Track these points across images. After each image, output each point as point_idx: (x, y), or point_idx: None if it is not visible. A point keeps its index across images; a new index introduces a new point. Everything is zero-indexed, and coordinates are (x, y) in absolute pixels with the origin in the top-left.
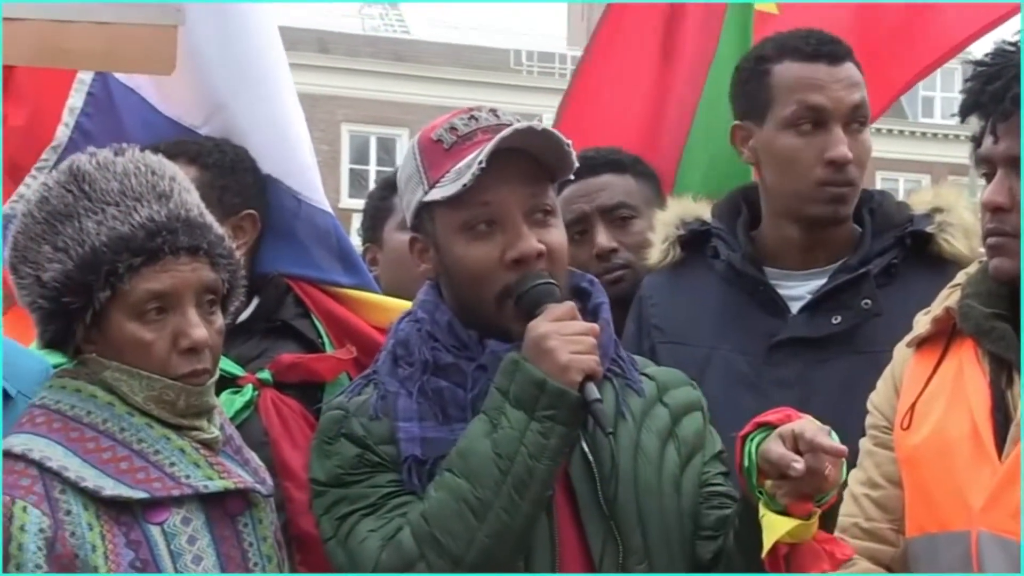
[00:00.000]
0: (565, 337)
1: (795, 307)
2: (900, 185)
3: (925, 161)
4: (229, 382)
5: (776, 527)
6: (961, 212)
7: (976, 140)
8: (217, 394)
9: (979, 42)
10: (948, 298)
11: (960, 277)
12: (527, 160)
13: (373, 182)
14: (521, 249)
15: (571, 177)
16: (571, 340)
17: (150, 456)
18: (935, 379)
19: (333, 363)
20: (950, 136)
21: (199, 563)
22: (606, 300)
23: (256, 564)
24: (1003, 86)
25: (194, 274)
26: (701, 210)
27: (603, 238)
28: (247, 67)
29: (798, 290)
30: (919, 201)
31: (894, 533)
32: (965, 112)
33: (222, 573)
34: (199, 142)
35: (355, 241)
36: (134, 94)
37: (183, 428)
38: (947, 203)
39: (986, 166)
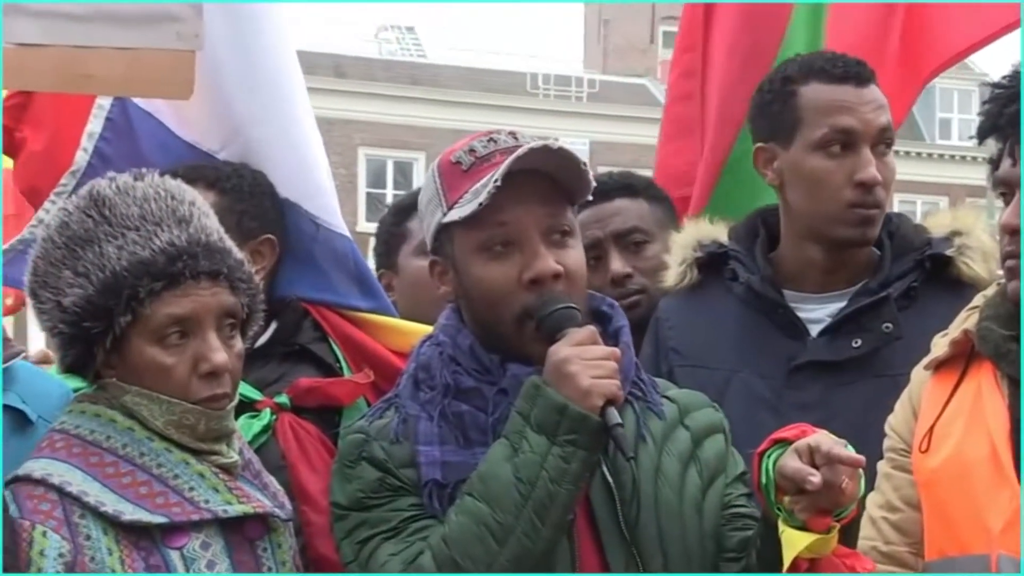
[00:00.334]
0: (586, 362)
1: (814, 330)
2: (918, 207)
3: (943, 183)
4: (247, 406)
5: (795, 542)
6: (979, 235)
7: (994, 162)
8: (235, 418)
9: (982, 52)
10: (966, 321)
11: (978, 300)
12: (545, 181)
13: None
14: (538, 269)
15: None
16: (592, 365)
17: (169, 481)
18: (953, 402)
19: (351, 387)
20: (968, 158)
21: None
22: (626, 323)
23: None
24: (1021, 108)
25: (214, 298)
26: (718, 232)
27: (617, 264)
28: (265, 92)
29: (817, 313)
30: (937, 224)
31: (913, 556)
32: (983, 134)
33: None
34: (217, 167)
35: (372, 264)
36: (152, 119)
37: (202, 452)
38: (966, 226)
39: (1004, 188)
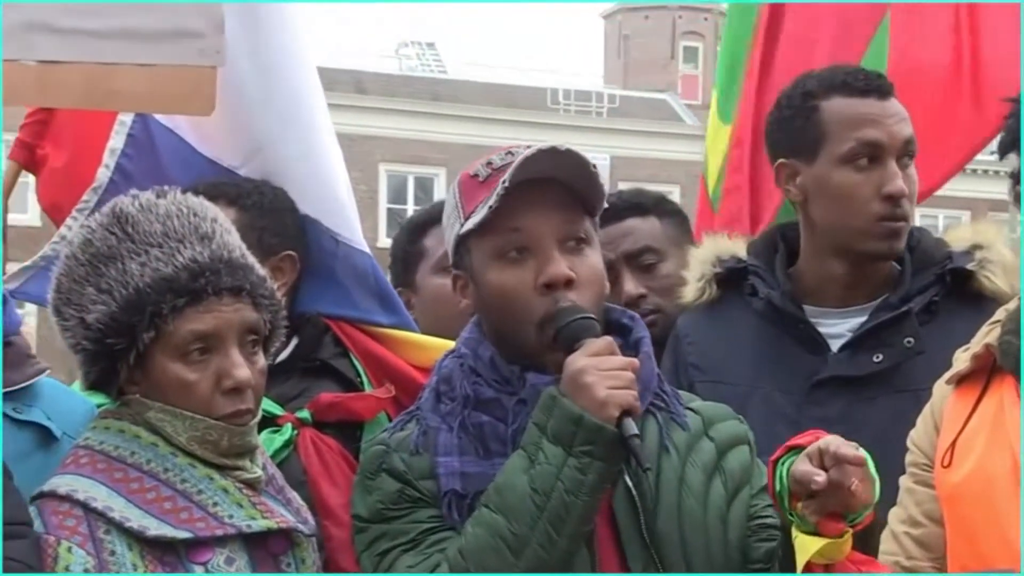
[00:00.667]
0: (603, 372)
1: (835, 345)
2: (939, 221)
3: (965, 197)
4: (268, 421)
5: (807, 547)
6: (1000, 249)
7: (1015, 176)
8: (257, 434)
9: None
10: (988, 335)
11: (1000, 314)
12: (560, 188)
13: None
14: (551, 273)
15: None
16: (609, 375)
17: (193, 496)
18: (975, 416)
19: (372, 402)
20: (990, 172)
21: None
22: (646, 334)
23: None
24: (1021, 111)
25: (237, 315)
26: (736, 248)
27: (630, 285)
28: (286, 108)
29: (838, 328)
30: (956, 237)
31: (935, 572)
32: (1004, 149)
33: None
34: (237, 183)
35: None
36: (173, 135)
37: (226, 468)
38: (986, 240)
39: None
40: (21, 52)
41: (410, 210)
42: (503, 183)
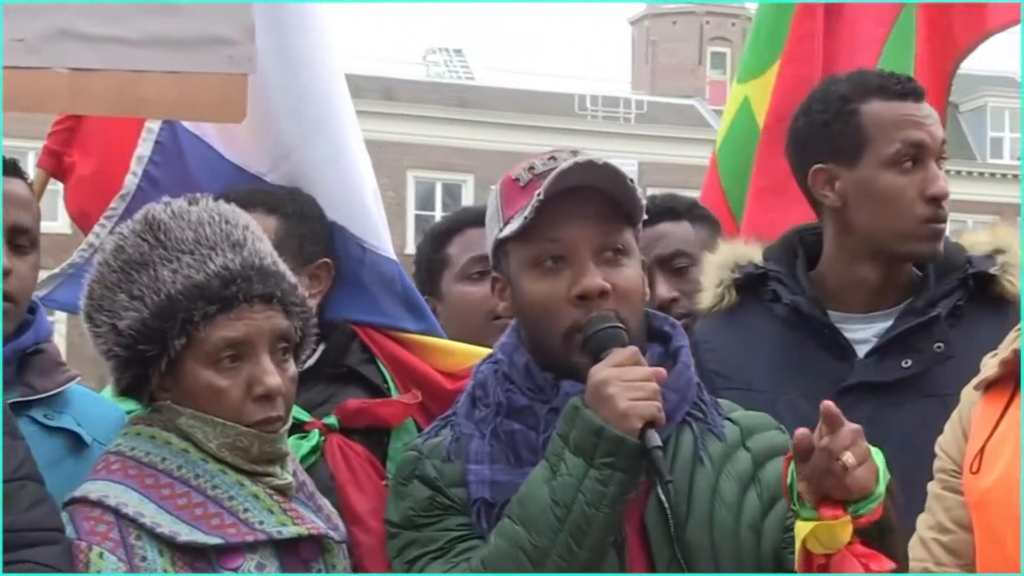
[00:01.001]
0: (626, 383)
1: (860, 350)
2: (969, 227)
3: (994, 202)
4: (296, 427)
5: (800, 531)
6: (1020, 252)
7: None
8: None
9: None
10: (1015, 340)
11: None
12: (600, 199)
13: None
14: (585, 285)
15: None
16: (632, 386)
17: (224, 502)
18: (1004, 422)
19: (399, 408)
20: (1020, 177)
21: None
22: (686, 343)
23: None
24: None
25: (268, 322)
26: (752, 253)
27: (662, 289)
28: (313, 115)
29: (862, 333)
30: (974, 241)
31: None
32: None
33: None
34: (273, 191)
35: None
36: (201, 142)
37: (256, 474)
38: (1006, 243)
39: None
40: (53, 60)
41: (438, 216)
42: (537, 195)
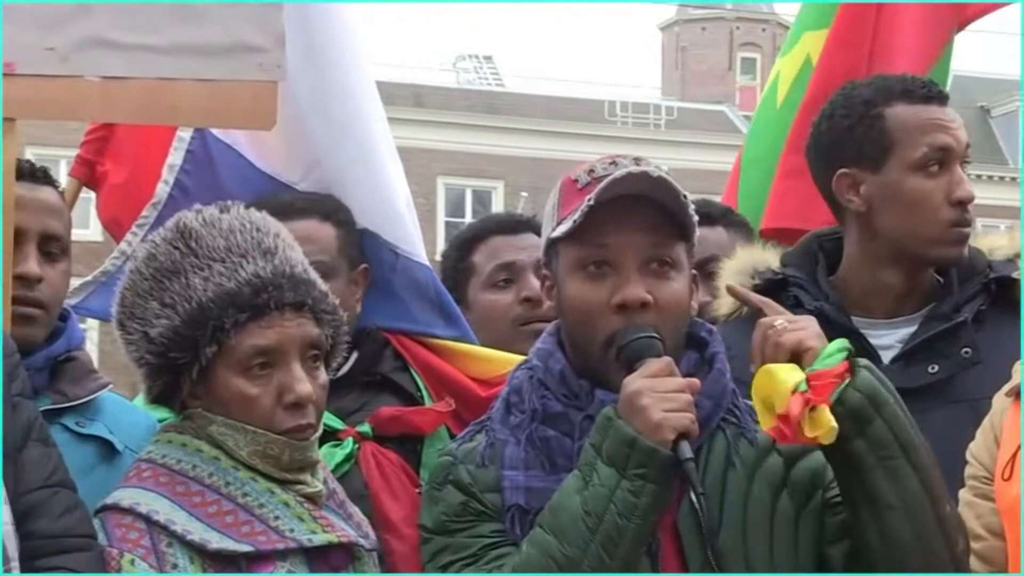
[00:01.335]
0: (659, 394)
1: (885, 356)
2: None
3: None
4: (330, 435)
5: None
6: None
7: None
8: (318, 448)
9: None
10: None
11: None
12: (654, 210)
13: None
14: (625, 295)
15: None
16: (665, 397)
17: (255, 510)
18: None
19: (432, 416)
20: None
21: None
22: (722, 350)
23: None
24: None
25: (299, 329)
26: (771, 258)
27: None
28: (345, 123)
29: (886, 339)
30: (993, 245)
31: None
32: None
33: None
34: (321, 199)
35: None
36: (232, 150)
37: (287, 482)
38: None
39: None
40: (84, 68)
41: (468, 223)
42: (588, 200)
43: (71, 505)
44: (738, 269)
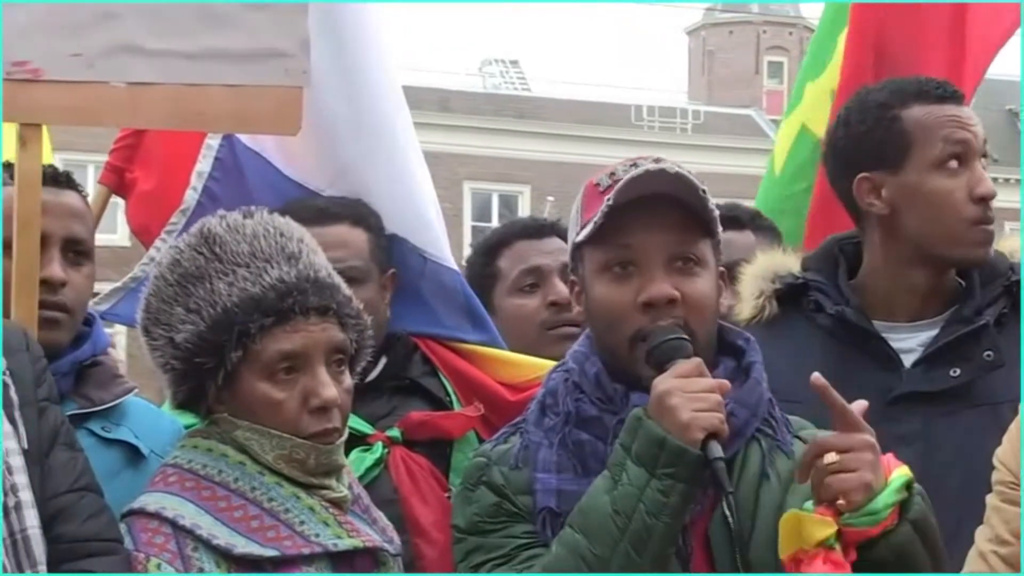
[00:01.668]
0: (689, 394)
1: (907, 360)
2: None
3: None
4: (359, 440)
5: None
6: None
7: None
8: (347, 452)
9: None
10: None
11: None
12: (676, 208)
13: None
14: (651, 293)
15: None
16: (695, 398)
17: (280, 515)
18: None
19: (461, 420)
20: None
21: None
22: (759, 359)
23: None
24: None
25: (324, 334)
26: (791, 262)
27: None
28: (373, 128)
29: (908, 342)
30: (1013, 247)
31: None
32: None
33: None
34: (351, 204)
35: None
36: (260, 158)
37: (312, 487)
38: None
39: None
40: (110, 74)
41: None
42: (607, 202)
43: (97, 509)
44: (758, 274)
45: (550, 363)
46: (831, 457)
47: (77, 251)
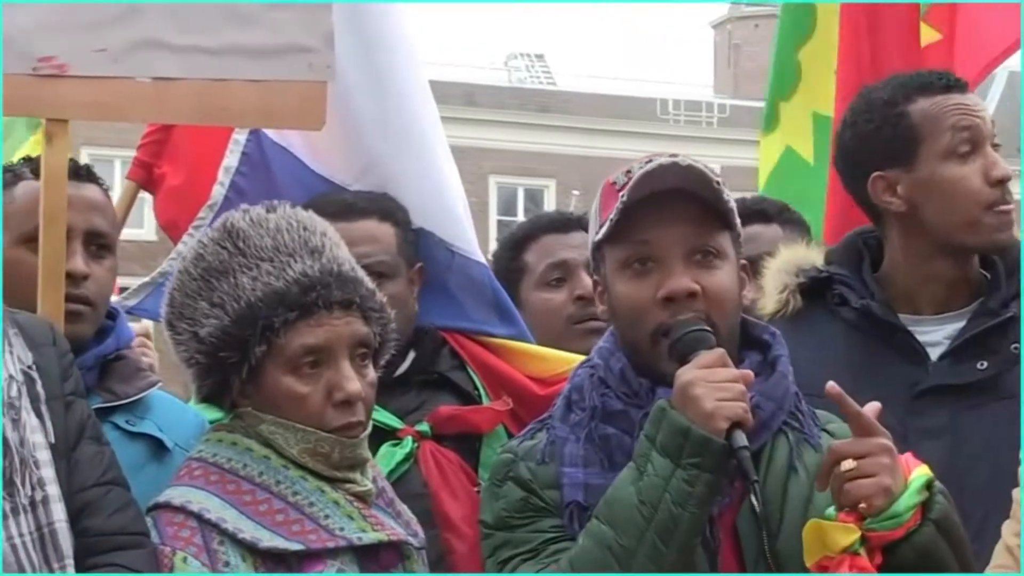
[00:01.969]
0: (712, 384)
1: (933, 353)
2: None
3: None
4: (389, 435)
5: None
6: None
7: None
8: (377, 446)
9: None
10: None
11: None
12: (692, 202)
13: None
14: (671, 287)
15: None
16: (718, 387)
17: (305, 508)
18: None
19: (490, 415)
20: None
21: None
22: (785, 353)
23: None
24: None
25: (347, 328)
26: (814, 256)
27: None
28: (400, 123)
29: (934, 335)
30: None
31: None
32: None
33: None
34: (379, 198)
35: None
36: (287, 152)
37: (337, 481)
38: None
39: None
40: (135, 70)
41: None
42: (622, 198)
43: (124, 503)
44: (781, 268)
45: (578, 357)
46: (848, 464)
47: (99, 244)
